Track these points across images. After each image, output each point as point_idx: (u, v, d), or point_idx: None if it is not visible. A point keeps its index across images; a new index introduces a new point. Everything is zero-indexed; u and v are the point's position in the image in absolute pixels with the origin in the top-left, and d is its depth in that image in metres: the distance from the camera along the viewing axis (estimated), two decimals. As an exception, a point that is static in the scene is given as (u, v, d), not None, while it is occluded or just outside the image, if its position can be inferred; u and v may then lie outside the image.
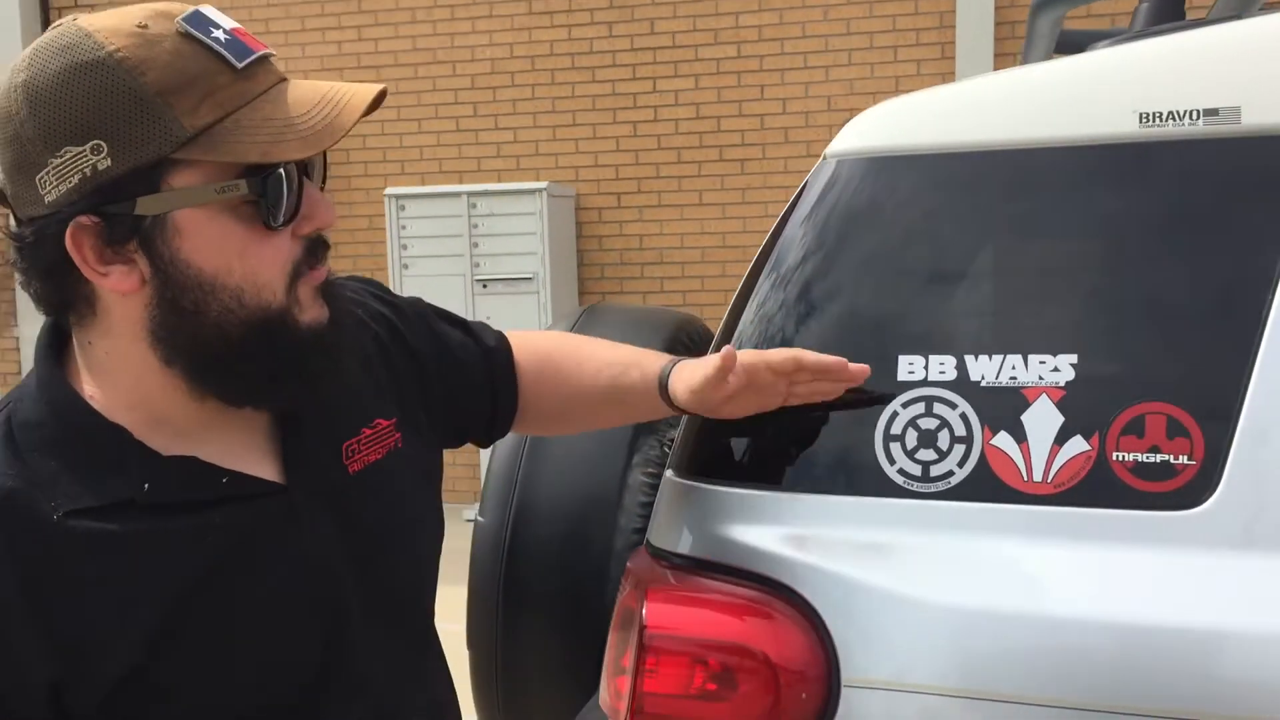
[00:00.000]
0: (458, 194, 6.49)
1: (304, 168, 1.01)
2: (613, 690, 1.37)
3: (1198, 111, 1.26)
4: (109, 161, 0.92)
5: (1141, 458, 1.21)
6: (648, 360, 1.37)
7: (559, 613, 1.90)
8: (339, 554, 1.07)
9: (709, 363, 1.27)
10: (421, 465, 1.22)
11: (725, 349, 1.24)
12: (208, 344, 0.98)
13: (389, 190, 6.61)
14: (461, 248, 6.45)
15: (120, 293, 0.97)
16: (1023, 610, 1.21)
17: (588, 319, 2.10)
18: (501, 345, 1.38)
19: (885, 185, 1.38)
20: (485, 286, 6.45)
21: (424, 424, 1.24)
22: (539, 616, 1.90)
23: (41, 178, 0.93)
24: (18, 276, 0.99)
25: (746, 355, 1.27)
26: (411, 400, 1.23)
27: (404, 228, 6.53)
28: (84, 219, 0.94)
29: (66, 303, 1.00)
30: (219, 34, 0.96)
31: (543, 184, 6.44)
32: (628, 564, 1.42)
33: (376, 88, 1.01)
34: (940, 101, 1.41)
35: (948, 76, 6.27)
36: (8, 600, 0.93)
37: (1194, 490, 1.19)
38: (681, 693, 1.28)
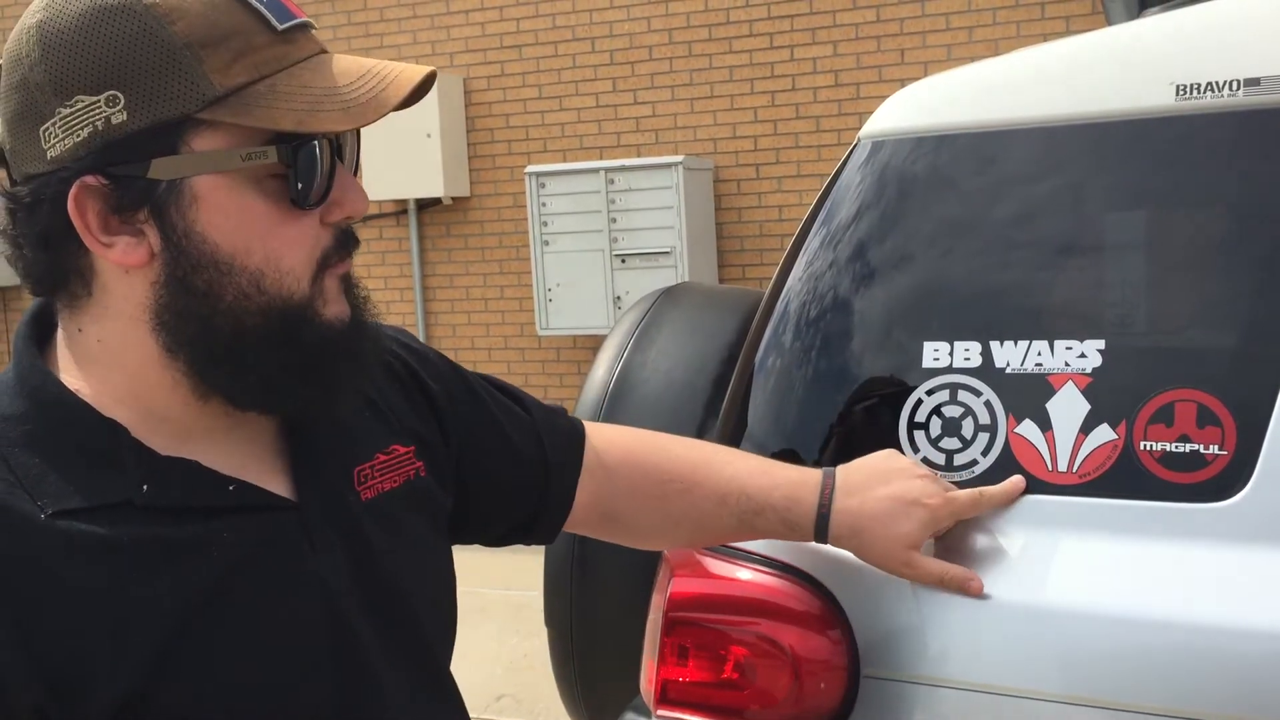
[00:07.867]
0: (595, 170, 6.54)
1: (337, 150, 0.92)
2: (646, 674, 1.38)
3: (1238, 82, 1.19)
4: (124, 115, 0.84)
5: (1170, 447, 1.16)
6: (793, 494, 1.22)
7: (631, 588, 1.92)
8: (352, 586, 0.97)
9: (909, 532, 1.18)
10: (439, 504, 1.10)
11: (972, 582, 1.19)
12: (218, 333, 0.89)
13: (529, 168, 6.70)
14: (600, 223, 6.51)
15: (124, 267, 0.88)
16: (1044, 604, 1.18)
17: (665, 301, 2.11)
18: (572, 429, 1.24)
19: (916, 167, 1.35)
20: (624, 261, 6.49)
21: (445, 467, 1.12)
22: (611, 593, 1.93)
23: (47, 129, 0.86)
24: (7, 248, 0.90)
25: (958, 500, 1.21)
26: (433, 443, 1.11)
27: (544, 205, 6.63)
28: (90, 179, 0.85)
29: (60, 280, 0.90)
30: None
31: (679, 158, 6.44)
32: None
33: (425, 69, 0.91)
34: (970, 80, 1.37)
35: (1098, 32, 5.99)
36: None
37: (1225, 481, 1.14)
38: (702, 679, 1.29)
